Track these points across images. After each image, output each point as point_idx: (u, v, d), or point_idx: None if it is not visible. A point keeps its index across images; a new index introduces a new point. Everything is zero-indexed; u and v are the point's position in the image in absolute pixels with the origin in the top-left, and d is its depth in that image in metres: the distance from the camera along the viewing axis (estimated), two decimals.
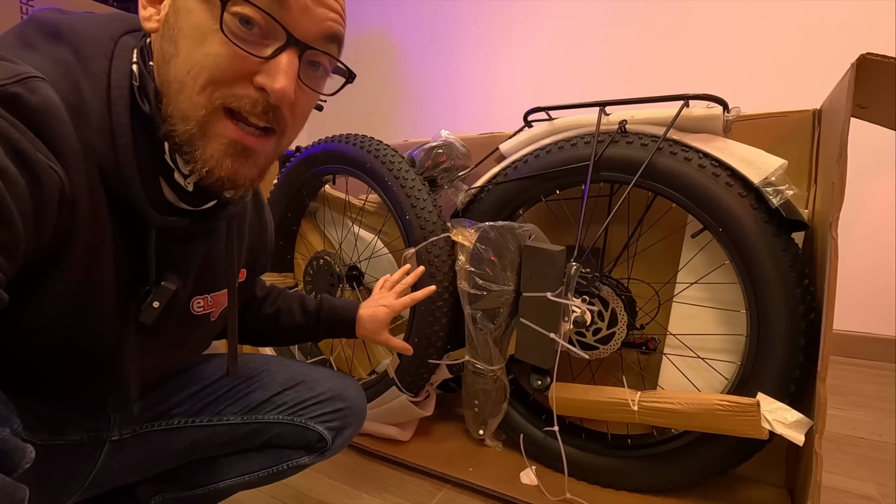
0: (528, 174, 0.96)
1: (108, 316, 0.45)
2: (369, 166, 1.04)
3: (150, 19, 0.42)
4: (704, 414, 0.75)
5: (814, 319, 0.75)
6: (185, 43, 0.40)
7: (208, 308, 0.56)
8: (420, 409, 1.06)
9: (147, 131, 0.43)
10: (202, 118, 0.41)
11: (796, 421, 0.70)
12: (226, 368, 0.65)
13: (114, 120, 0.40)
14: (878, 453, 1.07)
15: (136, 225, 0.44)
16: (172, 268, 0.49)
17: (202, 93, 0.40)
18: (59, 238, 0.38)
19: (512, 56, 2.24)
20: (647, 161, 0.83)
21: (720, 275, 0.87)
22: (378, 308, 0.77)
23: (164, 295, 0.47)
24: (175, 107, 0.41)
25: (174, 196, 0.46)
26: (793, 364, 0.76)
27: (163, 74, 0.42)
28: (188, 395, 0.63)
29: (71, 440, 0.53)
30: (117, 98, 0.41)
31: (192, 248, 0.50)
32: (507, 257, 0.91)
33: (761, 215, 0.76)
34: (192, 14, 0.40)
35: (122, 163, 0.41)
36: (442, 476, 0.97)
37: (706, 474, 0.84)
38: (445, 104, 2.44)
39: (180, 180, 0.45)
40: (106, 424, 0.56)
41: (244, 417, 0.65)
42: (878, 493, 0.93)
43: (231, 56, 0.40)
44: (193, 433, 0.63)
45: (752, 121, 0.90)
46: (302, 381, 0.69)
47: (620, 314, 0.88)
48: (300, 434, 0.67)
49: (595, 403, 0.86)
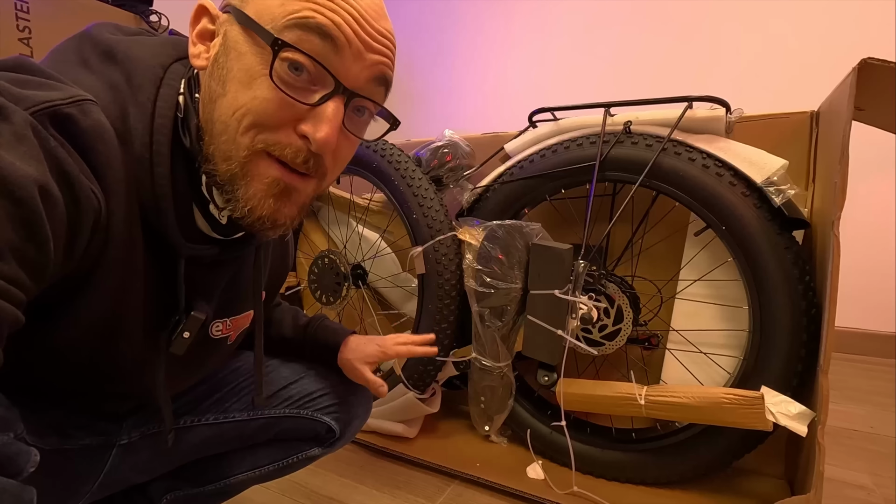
0: (534, 173, 0.98)
1: (137, 343, 0.46)
2: (376, 165, 1.05)
3: (198, 56, 0.42)
4: (711, 407, 0.77)
5: (815, 315, 0.77)
6: (234, 85, 0.40)
7: (227, 332, 0.56)
8: (427, 406, 1.07)
9: (186, 162, 0.43)
10: (244, 159, 0.40)
11: (799, 413, 0.72)
12: (231, 366, 0.67)
13: (154, 149, 0.41)
14: (872, 445, 1.10)
15: (167, 254, 0.44)
16: (199, 295, 0.49)
17: (245, 134, 0.40)
18: (86, 263, 0.38)
19: (512, 56, 2.25)
20: (653, 161, 0.85)
21: (722, 272, 0.89)
22: (370, 344, 0.72)
23: (194, 325, 0.48)
24: (217, 147, 0.41)
25: (207, 226, 0.47)
26: (795, 358, 0.78)
27: (207, 113, 0.42)
28: (194, 396, 0.64)
29: (80, 444, 0.53)
30: (160, 128, 0.41)
31: (217, 273, 0.51)
32: (514, 255, 0.93)
33: (764, 214, 0.79)
34: (242, 57, 0.40)
35: (159, 193, 0.41)
36: (450, 472, 0.99)
37: (711, 467, 0.86)
38: (445, 104, 2.45)
39: (215, 213, 0.46)
40: (117, 428, 0.57)
41: (250, 413, 0.65)
42: (872, 483, 0.96)
43: (278, 102, 0.39)
44: (201, 432, 0.63)
45: (752, 122, 0.92)
46: (305, 375, 0.69)
47: (626, 311, 0.90)
48: (308, 426, 0.68)
49: (602, 398, 0.88)
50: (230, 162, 0.41)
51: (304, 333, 0.73)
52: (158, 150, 0.41)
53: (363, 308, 1.25)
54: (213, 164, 0.42)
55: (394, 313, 1.25)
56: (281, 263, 0.66)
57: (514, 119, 2.19)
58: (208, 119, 0.41)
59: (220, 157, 0.41)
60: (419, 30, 2.46)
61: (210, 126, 0.41)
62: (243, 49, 0.40)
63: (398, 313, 1.24)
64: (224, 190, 0.42)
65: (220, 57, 0.41)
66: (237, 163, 0.40)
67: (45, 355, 0.42)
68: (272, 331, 0.73)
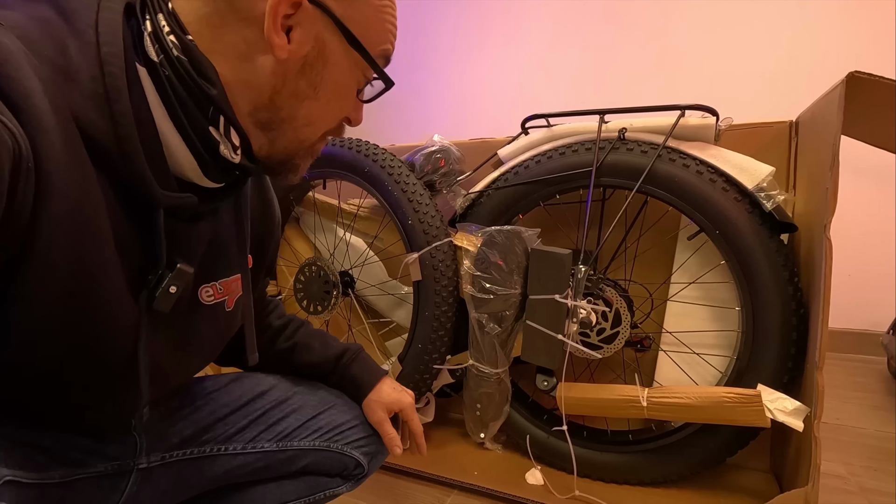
0: (529, 179, 0.98)
1: (118, 311, 0.39)
2: (367, 170, 1.03)
3: (278, 47, 0.40)
4: (713, 406, 0.79)
5: (803, 315, 0.81)
6: (328, 94, 0.44)
7: (219, 296, 0.51)
8: (421, 416, 1.05)
9: (167, 99, 0.38)
10: (315, 142, 0.47)
11: (795, 409, 0.76)
12: (256, 391, 0.62)
13: (108, 84, 0.35)
14: (840, 435, 1.17)
15: (140, 204, 0.39)
16: (180, 252, 0.44)
17: (324, 129, 0.47)
18: (20, 222, 0.31)
19: (489, 62, 2.26)
20: (650, 167, 0.87)
21: (714, 274, 0.92)
22: (399, 392, 0.69)
23: (182, 279, 0.42)
24: (294, 135, 0.45)
25: (196, 170, 0.42)
26: (786, 356, 0.82)
27: (285, 105, 0.43)
28: (217, 419, 0.59)
29: (93, 472, 0.48)
30: (109, 57, 0.35)
31: (197, 229, 0.46)
32: (513, 261, 0.93)
33: (756, 219, 0.82)
34: (342, 74, 0.44)
35: (121, 134, 0.36)
36: (448, 481, 0.97)
37: (706, 464, 0.89)
38: (423, 109, 2.44)
39: (227, 153, 0.42)
40: (132, 451, 0.51)
41: (279, 444, 0.61)
42: (847, 472, 1.02)
43: (353, 106, 0.48)
44: (226, 461, 0.59)
45: (736, 130, 0.96)
46: (334, 405, 0.66)
47: (624, 314, 0.91)
48: (337, 460, 0.64)
49: (604, 401, 0.89)
50: (302, 143, 0.46)
51: (337, 364, 0.69)
52: (113, 85, 0.35)
53: (351, 316, 1.22)
54: (284, 142, 0.45)
55: (381, 321, 1.22)
56: (265, 226, 0.60)
57: (491, 123, 2.23)
58: (289, 113, 0.44)
59: (296, 140, 0.46)
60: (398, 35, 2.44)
61: (291, 118, 0.44)
62: (343, 66, 0.44)
63: (385, 321, 1.22)
64: (275, 160, 0.46)
65: (316, 63, 0.43)
66: (308, 145, 0.47)
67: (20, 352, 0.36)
68: (297, 357, 0.69)
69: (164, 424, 0.56)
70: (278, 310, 0.72)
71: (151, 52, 0.38)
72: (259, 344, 0.63)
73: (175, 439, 0.56)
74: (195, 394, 0.61)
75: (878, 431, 1.18)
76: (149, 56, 0.38)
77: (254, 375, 0.66)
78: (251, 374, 0.66)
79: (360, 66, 0.45)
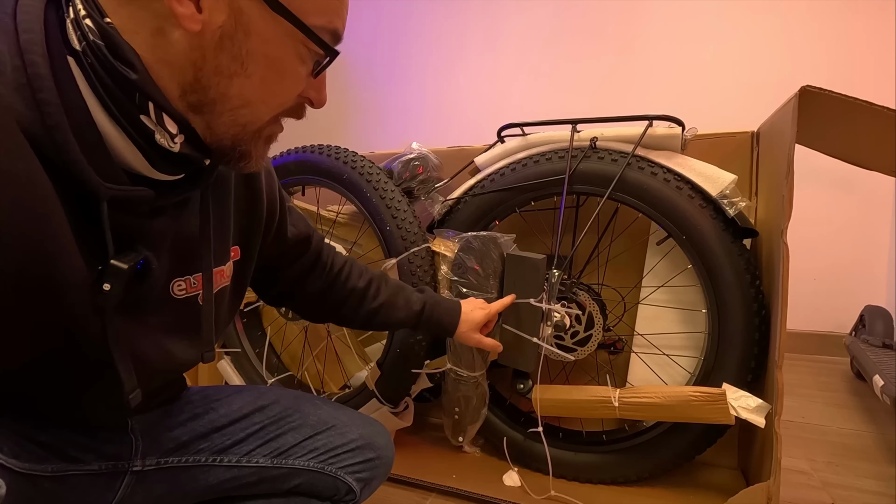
0: (505, 186, 1.01)
1: (79, 300, 0.39)
2: (346, 177, 1.04)
3: (188, 18, 0.37)
4: (680, 405, 0.82)
5: (765, 316, 0.85)
6: (260, 70, 0.41)
7: (192, 290, 0.50)
8: (400, 420, 1.06)
9: (95, 88, 0.37)
10: (262, 125, 0.43)
11: (758, 406, 0.79)
12: (257, 404, 0.63)
13: (30, 73, 0.34)
14: (805, 433, 1.22)
15: (86, 197, 0.38)
16: (141, 245, 0.42)
17: (271, 112, 0.43)
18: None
19: (469, 73, 2.29)
20: (619, 175, 0.90)
21: (682, 278, 0.96)
22: (475, 311, 0.84)
23: (117, 276, 0.40)
24: (232, 117, 0.42)
25: (145, 163, 0.40)
26: (749, 356, 0.85)
27: (211, 83, 0.40)
28: (214, 429, 0.60)
29: (87, 470, 0.48)
30: (29, 44, 0.34)
31: (159, 223, 0.45)
32: (489, 266, 0.95)
33: (720, 224, 0.86)
34: (268, 43, 0.40)
35: (49, 124, 0.35)
36: (426, 485, 0.98)
37: (676, 462, 0.92)
38: (400, 117, 2.45)
39: (165, 142, 0.40)
40: (128, 451, 0.52)
41: (274, 461, 0.61)
42: (810, 468, 1.06)
43: (301, 86, 0.44)
44: (220, 472, 0.59)
45: (701, 140, 1.01)
46: (333, 426, 0.66)
47: (597, 317, 0.94)
48: (329, 484, 0.64)
49: (578, 402, 0.91)
50: (246, 128, 0.43)
51: (420, 318, 0.78)
52: (35, 73, 0.34)
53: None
54: (222, 127, 0.42)
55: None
56: (251, 215, 0.59)
57: (468, 132, 2.26)
58: (220, 93, 0.41)
59: (237, 124, 0.42)
60: (374, 43, 2.46)
61: (223, 98, 0.41)
62: (270, 37, 0.40)
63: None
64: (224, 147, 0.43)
65: (236, 34, 0.39)
66: (254, 130, 0.43)
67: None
68: (383, 315, 0.75)
69: (162, 428, 0.56)
70: (356, 268, 0.77)
71: (74, 40, 0.36)
72: (347, 307, 0.74)
73: (171, 444, 0.56)
74: (195, 402, 0.61)
75: (840, 428, 1.23)
76: (72, 44, 0.36)
77: (256, 388, 0.67)
78: (253, 387, 0.67)
79: (297, 37, 0.41)
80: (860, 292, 1.75)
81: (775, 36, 1.79)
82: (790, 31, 1.77)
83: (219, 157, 0.45)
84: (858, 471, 1.04)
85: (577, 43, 2.10)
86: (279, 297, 0.74)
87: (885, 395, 1.09)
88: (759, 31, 1.81)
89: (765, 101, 1.01)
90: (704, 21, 1.89)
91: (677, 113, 0.93)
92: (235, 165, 0.45)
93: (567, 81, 2.13)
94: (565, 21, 2.11)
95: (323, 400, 0.72)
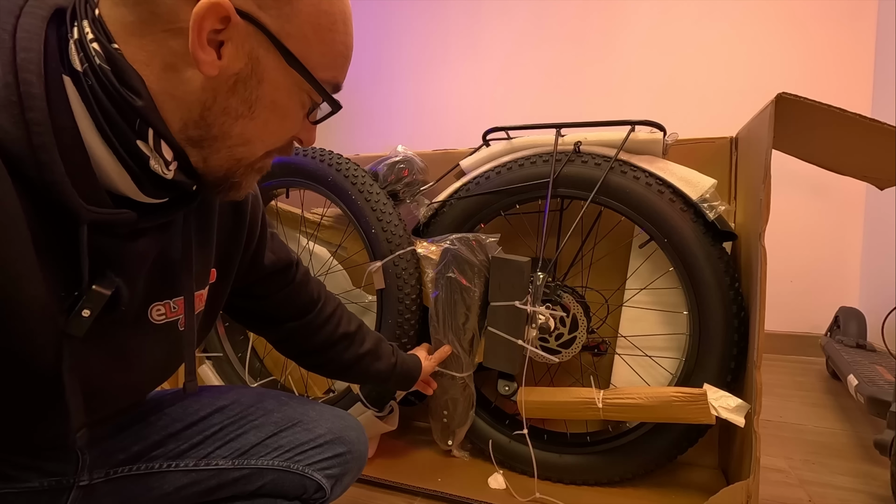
0: (490, 189, 1.01)
1: (38, 327, 0.38)
2: (331, 180, 1.03)
3: (207, 63, 0.38)
4: (662, 405, 0.83)
5: (743, 317, 0.87)
6: (265, 114, 0.42)
7: (172, 315, 0.49)
8: (385, 424, 1.05)
9: (92, 110, 0.37)
10: (256, 160, 0.45)
11: (737, 406, 0.81)
12: (216, 405, 0.60)
13: (22, 91, 0.33)
14: (782, 432, 1.24)
15: (64, 219, 0.37)
16: (114, 269, 0.41)
17: (265, 148, 0.45)
18: None
19: (454, 76, 2.31)
20: (603, 179, 0.91)
21: (664, 281, 0.97)
22: (425, 360, 0.91)
23: (97, 302, 0.39)
24: (229, 153, 0.43)
25: (132, 186, 0.40)
26: (728, 357, 0.87)
27: (216, 122, 0.41)
28: (169, 435, 0.57)
29: (27, 487, 0.46)
30: (26, 63, 0.34)
31: (139, 246, 0.43)
32: (474, 268, 0.95)
33: (700, 227, 0.87)
34: (278, 91, 0.42)
35: (36, 143, 0.34)
36: (412, 489, 0.97)
37: (659, 462, 0.93)
38: (383, 121, 2.46)
39: (159, 168, 0.40)
40: (72, 468, 0.49)
41: (235, 462, 0.58)
42: (787, 466, 1.08)
43: (298, 128, 0.46)
44: (176, 478, 0.56)
45: (681, 145, 1.03)
46: (299, 422, 0.63)
47: (581, 319, 0.95)
48: (297, 482, 0.61)
49: (562, 404, 0.92)
50: (240, 163, 0.44)
51: (394, 370, 0.81)
52: (28, 92, 0.34)
53: None
54: (217, 160, 0.43)
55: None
56: (232, 237, 0.57)
57: (454, 135, 2.27)
58: (222, 131, 0.42)
59: (231, 159, 0.43)
60: (360, 47, 2.46)
61: (224, 136, 0.42)
62: (281, 85, 0.42)
63: None
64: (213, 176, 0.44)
65: (249, 80, 0.40)
66: (248, 164, 0.45)
67: None
68: (366, 366, 0.75)
69: (112, 440, 0.54)
70: (346, 312, 0.76)
71: (76, 61, 0.36)
72: (335, 350, 0.73)
73: (122, 455, 0.54)
74: (148, 409, 0.59)
75: (816, 427, 1.26)
76: (73, 65, 0.36)
77: (215, 388, 0.64)
78: (211, 388, 0.64)
79: (304, 87, 0.43)
80: (834, 294, 1.80)
81: (754, 44, 1.85)
82: (768, 39, 1.83)
83: (210, 186, 0.45)
84: (834, 468, 1.06)
85: (560, 49, 2.13)
86: (264, 328, 0.71)
87: (859, 394, 1.12)
88: (737, 40, 1.86)
89: (743, 108, 1.03)
90: (685, 29, 1.93)
91: (658, 118, 0.94)
92: (224, 194, 0.46)
93: (550, 87, 2.16)
94: (548, 27, 2.14)
95: (292, 397, 0.68)
